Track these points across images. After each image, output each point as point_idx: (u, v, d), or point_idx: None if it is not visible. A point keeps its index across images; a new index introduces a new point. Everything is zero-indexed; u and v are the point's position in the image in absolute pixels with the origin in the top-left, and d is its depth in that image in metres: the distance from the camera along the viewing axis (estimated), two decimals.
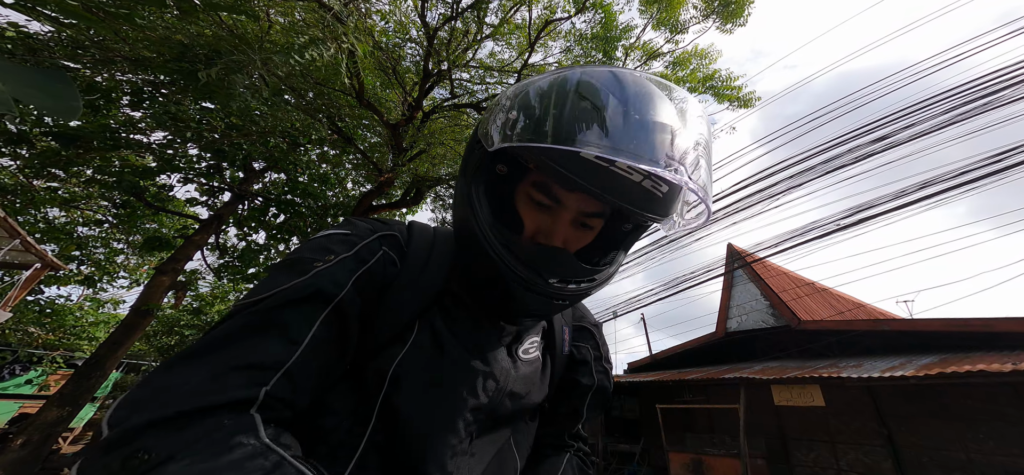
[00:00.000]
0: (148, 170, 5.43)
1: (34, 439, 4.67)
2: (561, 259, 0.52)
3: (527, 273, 0.49)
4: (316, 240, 0.53)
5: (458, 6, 5.36)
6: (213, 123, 4.94)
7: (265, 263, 6.83)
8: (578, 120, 0.42)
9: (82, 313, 13.62)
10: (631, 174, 0.43)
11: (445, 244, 0.63)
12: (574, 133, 0.41)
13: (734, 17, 6.08)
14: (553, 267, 0.51)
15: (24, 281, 8.56)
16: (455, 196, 0.58)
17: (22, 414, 10.35)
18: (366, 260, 0.52)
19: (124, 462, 0.30)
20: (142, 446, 0.31)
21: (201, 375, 0.36)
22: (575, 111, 0.42)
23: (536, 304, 0.52)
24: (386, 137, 6.02)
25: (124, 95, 4.33)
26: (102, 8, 1.69)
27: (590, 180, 0.43)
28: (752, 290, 9.40)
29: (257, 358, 0.39)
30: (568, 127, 0.42)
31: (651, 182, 0.45)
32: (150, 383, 0.35)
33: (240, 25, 3.69)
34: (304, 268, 0.47)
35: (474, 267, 0.54)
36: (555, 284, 0.51)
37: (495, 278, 0.50)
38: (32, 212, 6.83)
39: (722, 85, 6.49)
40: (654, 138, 0.42)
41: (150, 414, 0.32)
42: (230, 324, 0.41)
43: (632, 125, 0.42)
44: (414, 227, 0.64)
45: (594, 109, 0.42)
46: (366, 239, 0.55)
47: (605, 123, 0.41)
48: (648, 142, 0.42)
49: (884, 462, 5.81)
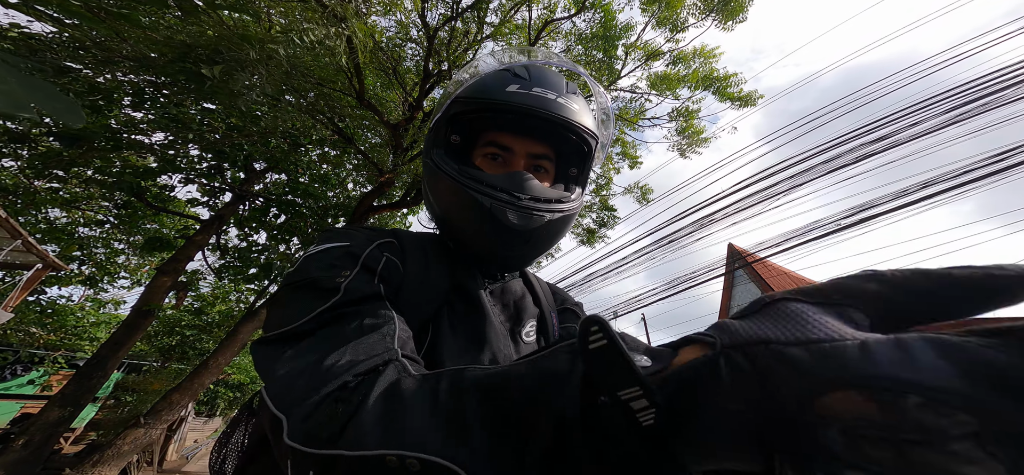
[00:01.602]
0: (149, 171, 5.43)
1: (36, 439, 4.68)
2: (525, 178, 0.61)
3: (503, 194, 0.57)
4: (317, 256, 0.54)
5: (458, 6, 5.36)
6: (214, 124, 4.95)
7: (266, 263, 6.84)
8: (498, 74, 0.63)
9: (83, 313, 13.65)
10: (545, 95, 0.61)
11: (436, 244, 0.68)
12: (500, 80, 0.62)
13: (734, 15, 6.07)
14: (522, 184, 0.59)
15: (26, 281, 8.58)
16: (426, 180, 0.69)
17: (24, 414, 10.36)
18: (374, 269, 0.55)
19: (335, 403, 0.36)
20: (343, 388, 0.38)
21: (346, 357, 0.41)
22: (497, 73, 0.64)
23: (521, 220, 0.57)
24: (387, 137, 6.03)
25: (125, 95, 4.33)
26: (104, 8, 1.69)
27: (512, 105, 0.60)
28: (753, 290, 9.39)
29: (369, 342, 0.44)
30: (493, 77, 0.63)
31: (561, 99, 0.63)
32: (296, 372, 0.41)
33: (242, 26, 3.69)
34: (329, 284, 0.49)
35: (460, 216, 0.62)
36: (529, 200, 0.58)
37: (480, 212, 0.57)
38: (33, 213, 6.85)
39: (722, 83, 6.48)
40: (554, 77, 0.66)
41: (333, 382, 0.38)
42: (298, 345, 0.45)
43: (537, 72, 0.64)
44: (402, 233, 0.68)
45: (508, 70, 0.64)
46: (367, 249, 0.57)
47: (519, 74, 0.63)
48: (550, 80, 0.64)
49: None
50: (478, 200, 0.57)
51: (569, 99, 0.64)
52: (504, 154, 0.65)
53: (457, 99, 0.63)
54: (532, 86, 0.61)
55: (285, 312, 0.48)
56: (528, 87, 0.61)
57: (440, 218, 0.68)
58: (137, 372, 13.30)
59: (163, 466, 11.11)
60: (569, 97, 0.64)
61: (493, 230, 0.58)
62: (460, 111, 0.64)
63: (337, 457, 0.33)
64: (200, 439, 16.67)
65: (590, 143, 0.67)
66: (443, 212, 0.65)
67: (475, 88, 0.62)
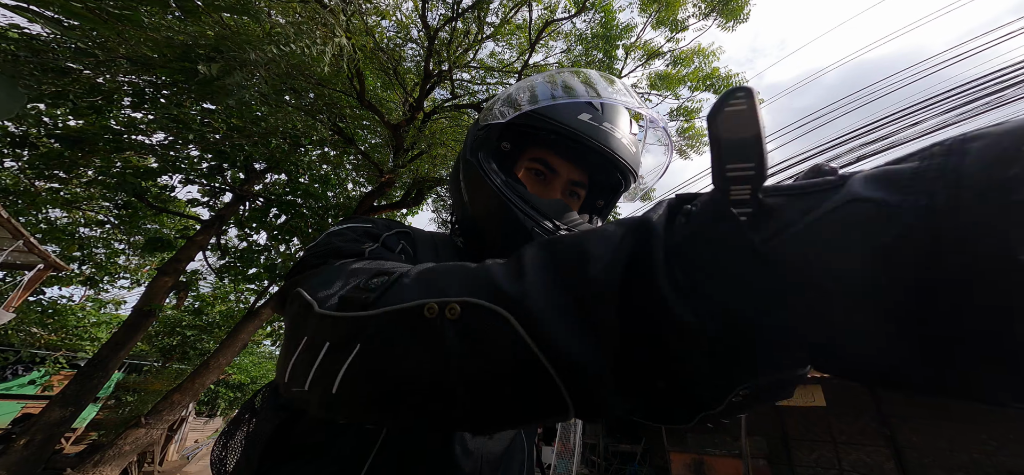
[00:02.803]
0: (149, 171, 5.43)
1: (37, 439, 4.68)
2: (567, 210, 0.63)
3: (540, 218, 0.58)
4: (339, 232, 0.54)
5: (459, 7, 5.36)
6: (214, 124, 4.95)
7: (266, 264, 6.84)
8: (570, 93, 0.63)
9: (84, 314, 13.66)
10: (612, 132, 0.64)
11: (446, 243, 0.68)
12: (574, 107, 0.63)
13: (734, 15, 6.06)
14: (561, 213, 0.61)
15: (27, 282, 8.59)
16: (464, 177, 0.67)
17: (25, 414, 10.38)
18: (392, 249, 0.56)
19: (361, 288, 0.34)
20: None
21: (376, 265, 0.42)
22: (573, 100, 0.63)
23: None
24: (387, 138, 6.03)
25: (126, 96, 4.34)
26: (104, 9, 1.69)
27: (580, 134, 0.62)
28: None
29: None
30: (568, 104, 0.63)
31: (625, 141, 0.66)
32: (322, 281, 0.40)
33: (243, 26, 3.69)
34: (354, 251, 0.49)
35: (494, 225, 0.62)
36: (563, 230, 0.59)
37: (519, 231, 0.58)
38: (34, 213, 6.86)
39: (724, 84, 6.47)
40: (623, 116, 0.68)
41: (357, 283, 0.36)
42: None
43: (609, 109, 0.66)
44: (413, 229, 0.68)
45: (586, 102, 0.64)
46: (385, 232, 0.58)
47: (594, 105, 0.65)
48: (619, 118, 0.66)
49: (887, 463, 5.79)
50: (521, 220, 0.58)
51: (629, 138, 0.67)
52: (549, 174, 0.67)
53: (529, 113, 0.63)
54: (603, 120, 0.64)
55: (310, 275, 0.47)
56: (599, 121, 0.64)
57: (467, 217, 0.68)
58: (138, 372, 13.32)
59: (163, 466, 11.12)
60: (631, 138, 0.68)
61: None
62: (525, 123, 0.64)
63: (367, 319, 0.30)
64: (201, 439, 16.69)
65: (629, 181, 0.71)
66: (474, 213, 0.65)
67: (549, 108, 0.63)
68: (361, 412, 0.31)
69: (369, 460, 0.46)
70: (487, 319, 0.27)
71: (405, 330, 0.29)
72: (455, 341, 0.27)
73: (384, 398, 0.29)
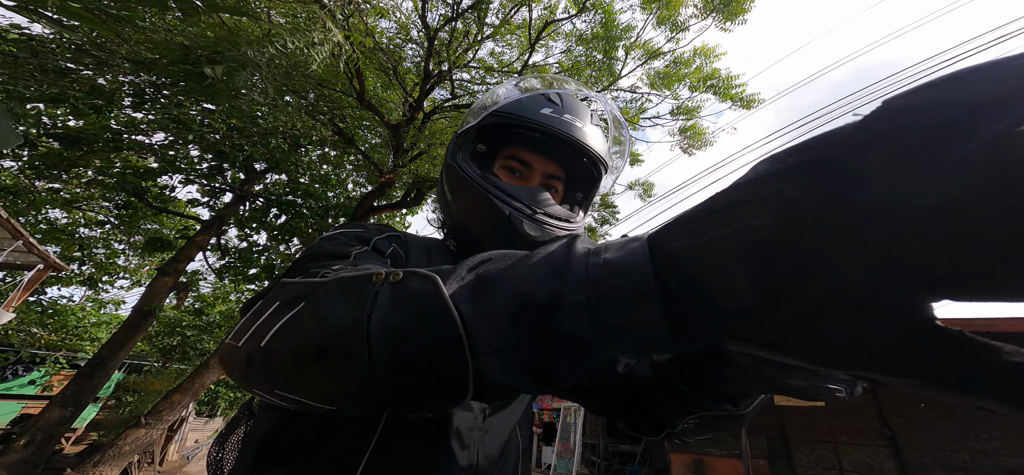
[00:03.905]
0: (149, 171, 5.44)
1: (37, 439, 4.69)
2: (543, 194, 0.66)
3: (520, 205, 0.62)
4: (331, 236, 0.57)
5: (459, 7, 5.36)
6: (214, 124, 4.95)
7: (266, 264, 6.84)
8: (535, 97, 0.70)
9: (84, 314, 13.67)
10: (573, 122, 0.69)
11: (439, 248, 0.72)
12: (536, 103, 0.69)
13: (734, 15, 6.06)
14: (539, 199, 0.64)
15: (27, 282, 8.58)
16: (447, 182, 0.72)
17: (25, 414, 10.38)
18: (383, 252, 0.58)
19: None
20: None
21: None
22: (534, 95, 0.71)
23: (536, 231, 0.61)
24: (387, 138, 6.03)
25: (126, 96, 4.34)
26: (104, 10, 1.69)
27: (542, 125, 0.67)
28: None
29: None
30: (530, 100, 0.69)
31: (586, 128, 0.70)
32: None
33: (243, 28, 3.70)
34: (341, 253, 0.51)
35: (477, 220, 0.65)
36: (544, 214, 0.63)
37: (499, 218, 0.61)
38: (34, 213, 6.86)
39: (723, 84, 6.47)
40: (582, 107, 0.73)
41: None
42: None
43: (568, 101, 0.72)
44: (406, 234, 0.71)
45: (544, 95, 0.71)
46: (376, 237, 0.60)
47: (553, 100, 0.71)
48: (578, 109, 0.72)
49: (887, 463, 5.79)
50: (498, 207, 0.61)
51: (592, 129, 0.72)
52: (523, 169, 0.71)
53: (495, 112, 0.69)
54: (563, 112, 0.69)
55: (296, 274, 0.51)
56: (560, 113, 0.69)
57: (455, 219, 0.72)
58: (138, 372, 13.32)
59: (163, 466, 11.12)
60: (592, 127, 0.72)
61: (508, 238, 0.61)
62: (493, 123, 0.70)
63: (317, 283, 0.34)
64: (201, 439, 16.68)
65: (600, 170, 0.75)
66: (460, 213, 0.69)
67: (512, 105, 0.69)
68: (277, 369, 0.32)
69: (363, 461, 0.46)
70: (422, 280, 0.30)
71: (348, 292, 0.32)
72: (386, 297, 0.29)
73: (302, 355, 0.30)
